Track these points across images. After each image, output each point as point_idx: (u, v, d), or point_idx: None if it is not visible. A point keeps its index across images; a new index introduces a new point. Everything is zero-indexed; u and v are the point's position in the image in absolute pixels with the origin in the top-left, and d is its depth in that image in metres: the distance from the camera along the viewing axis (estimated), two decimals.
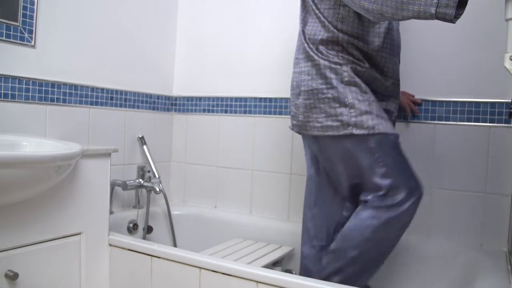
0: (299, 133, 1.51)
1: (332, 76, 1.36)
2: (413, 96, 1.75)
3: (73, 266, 1.48)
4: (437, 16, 1.12)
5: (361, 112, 1.33)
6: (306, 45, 1.43)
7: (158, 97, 2.25)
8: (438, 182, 1.75)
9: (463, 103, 1.70)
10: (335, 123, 1.35)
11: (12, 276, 1.25)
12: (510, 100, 1.60)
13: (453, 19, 1.12)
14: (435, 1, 1.10)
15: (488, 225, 1.67)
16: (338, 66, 1.36)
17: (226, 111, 2.20)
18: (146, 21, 2.16)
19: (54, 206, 1.39)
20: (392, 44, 1.44)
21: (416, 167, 1.77)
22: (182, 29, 2.35)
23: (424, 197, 1.74)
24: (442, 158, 1.74)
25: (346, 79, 1.35)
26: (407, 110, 1.74)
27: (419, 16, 1.15)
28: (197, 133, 2.29)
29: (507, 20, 1.18)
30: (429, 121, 1.76)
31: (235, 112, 2.17)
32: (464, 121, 1.71)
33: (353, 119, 1.33)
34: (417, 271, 1.68)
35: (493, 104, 1.66)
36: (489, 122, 1.67)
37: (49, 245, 1.39)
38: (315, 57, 1.39)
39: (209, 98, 2.25)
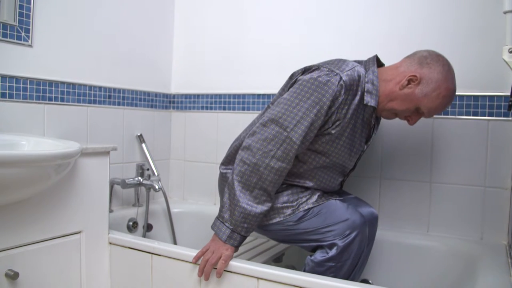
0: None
1: None
2: None
3: (74, 265, 1.48)
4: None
5: None
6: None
7: (156, 94, 2.25)
8: (438, 176, 1.75)
9: (461, 97, 1.70)
10: None
11: (13, 276, 1.25)
12: (509, 93, 1.60)
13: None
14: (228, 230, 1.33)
15: (488, 219, 1.67)
16: None
17: (224, 108, 2.20)
18: (144, 18, 2.15)
19: (53, 205, 1.39)
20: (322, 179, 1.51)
21: (415, 161, 1.78)
22: (179, 26, 2.34)
23: (424, 192, 1.76)
24: (441, 152, 1.74)
25: None
26: None
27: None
28: (196, 130, 2.29)
29: (505, 12, 1.18)
30: None
31: (234, 109, 2.16)
32: (463, 115, 1.71)
33: None
34: (417, 265, 1.68)
35: (491, 97, 1.66)
36: (488, 116, 1.67)
37: (49, 244, 1.39)
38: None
39: (207, 95, 2.25)
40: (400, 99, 1.41)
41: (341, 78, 1.34)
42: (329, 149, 1.43)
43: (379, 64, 1.52)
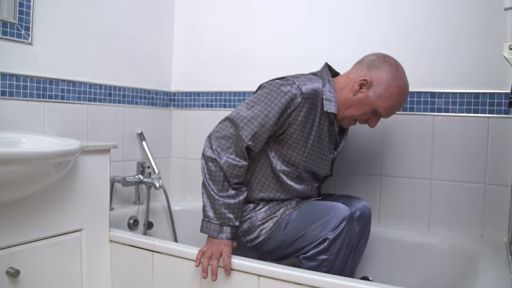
0: None
1: None
2: None
3: (74, 263, 1.48)
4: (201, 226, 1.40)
5: None
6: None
7: (157, 92, 2.25)
8: (438, 173, 1.75)
9: (462, 94, 1.70)
10: None
11: (14, 273, 1.25)
12: (510, 90, 1.60)
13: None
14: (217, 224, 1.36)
15: (489, 216, 1.67)
16: None
17: (225, 106, 2.19)
18: (144, 16, 2.14)
19: (54, 203, 1.39)
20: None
21: (415, 159, 1.78)
22: (179, 23, 2.34)
23: (424, 189, 1.76)
24: (442, 149, 1.74)
25: None
26: None
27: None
28: (196, 128, 2.29)
29: (506, 9, 1.18)
30: (428, 113, 1.75)
31: (234, 106, 2.16)
32: (463, 113, 1.70)
33: None
34: (417, 263, 1.68)
35: (492, 95, 1.66)
36: (488, 113, 1.66)
37: (50, 242, 1.39)
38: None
39: (207, 93, 2.25)
40: (356, 105, 1.46)
41: (294, 82, 1.41)
42: (296, 157, 1.47)
43: (333, 72, 1.59)
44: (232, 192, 1.38)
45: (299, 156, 1.47)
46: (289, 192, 1.52)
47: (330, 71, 1.56)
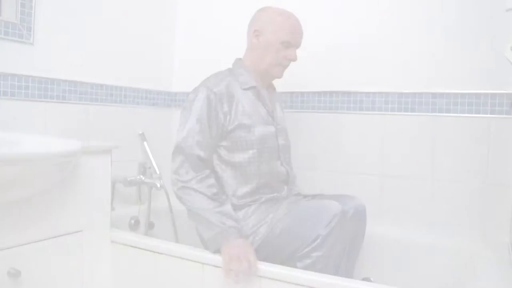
0: None
1: None
2: None
3: (76, 263, 1.48)
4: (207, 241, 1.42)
5: None
6: None
7: (158, 93, 2.25)
8: (439, 174, 1.74)
9: (463, 94, 1.70)
10: None
11: (15, 274, 1.25)
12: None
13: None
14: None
15: (490, 217, 1.67)
16: None
17: None
18: (145, 16, 2.14)
19: (55, 203, 1.39)
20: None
21: (416, 159, 1.78)
22: (181, 24, 2.34)
23: (425, 190, 1.76)
24: (443, 149, 1.74)
25: None
26: None
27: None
28: None
29: (507, 10, 1.18)
30: (430, 113, 1.75)
31: None
32: (464, 113, 1.70)
33: None
34: (418, 263, 1.68)
35: (493, 95, 1.66)
36: (490, 114, 1.66)
37: (51, 243, 1.39)
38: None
39: None
40: (265, 51, 1.58)
41: (202, 86, 1.51)
42: (246, 138, 1.52)
43: None
44: (215, 203, 1.42)
45: (248, 137, 1.52)
46: (258, 176, 1.54)
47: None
